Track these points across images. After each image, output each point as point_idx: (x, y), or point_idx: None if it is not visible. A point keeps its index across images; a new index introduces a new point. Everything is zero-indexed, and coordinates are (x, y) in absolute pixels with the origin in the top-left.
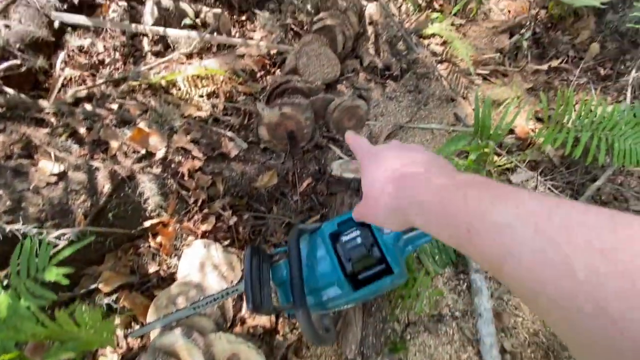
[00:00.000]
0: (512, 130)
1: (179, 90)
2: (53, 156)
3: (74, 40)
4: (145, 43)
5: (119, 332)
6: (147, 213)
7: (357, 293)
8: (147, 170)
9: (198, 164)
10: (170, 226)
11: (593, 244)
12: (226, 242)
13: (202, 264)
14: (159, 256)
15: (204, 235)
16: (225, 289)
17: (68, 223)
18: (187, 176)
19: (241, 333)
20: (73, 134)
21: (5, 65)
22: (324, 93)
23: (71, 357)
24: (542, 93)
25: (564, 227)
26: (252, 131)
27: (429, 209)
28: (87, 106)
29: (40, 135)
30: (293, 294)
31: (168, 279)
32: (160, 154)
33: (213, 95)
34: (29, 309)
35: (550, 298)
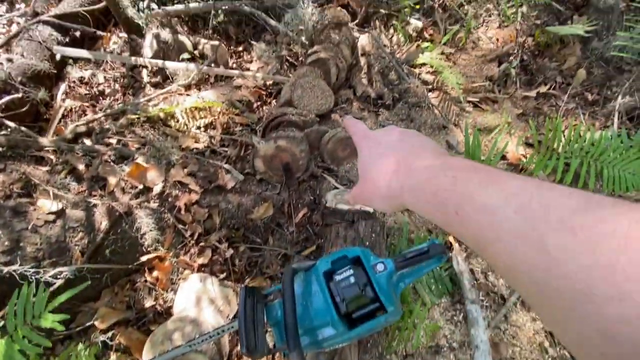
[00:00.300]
0: (504, 156)
1: (177, 122)
2: (52, 194)
3: (75, 71)
4: (144, 74)
5: None
6: (144, 248)
7: (352, 332)
8: (145, 205)
9: (195, 197)
10: (166, 260)
11: (565, 223)
12: (222, 275)
13: (199, 299)
14: (156, 290)
15: (200, 268)
16: (221, 326)
17: (65, 261)
18: (184, 210)
19: None
20: (72, 171)
21: (6, 99)
22: (319, 123)
23: None
24: (531, 120)
25: (542, 208)
26: (249, 162)
27: (421, 191)
28: (87, 141)
29: (39, 173)
30: (287, 337)
31: (164, 314)
32: (157, 189)
33: (210, 126)
34: (25, 356)
35: (525, 273)
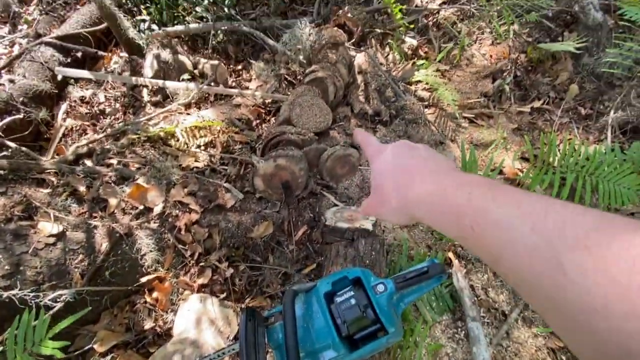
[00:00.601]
0: (502, 170)
1: (177, 141)
2: (52, 217)
3: (76, 91)
4: (145, 93)
5: None
6: (144, 269)
7: (354, 354)
8: (145, 225)
9: (195, 217)
10: (166, 281)
11: (580, 241)
12: (222, 295)
13: (199, 320)
14: (155, 312)
15: (201, 289)
16: (221, 349)
17: (65, 284)
18: (184, 230)
19: None
20: (73, 193)
21: (8, 120)
22: (317, 141)
23: None
24: (526, 135)
25: (557, 226)
26: (248, 181)
27: (435, 205)
28: (88, 162)
29: (40, 195)
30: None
31: (164, 335)
32: (157, 209)
33: (210, 145)
34: None
35: (541, 289)
